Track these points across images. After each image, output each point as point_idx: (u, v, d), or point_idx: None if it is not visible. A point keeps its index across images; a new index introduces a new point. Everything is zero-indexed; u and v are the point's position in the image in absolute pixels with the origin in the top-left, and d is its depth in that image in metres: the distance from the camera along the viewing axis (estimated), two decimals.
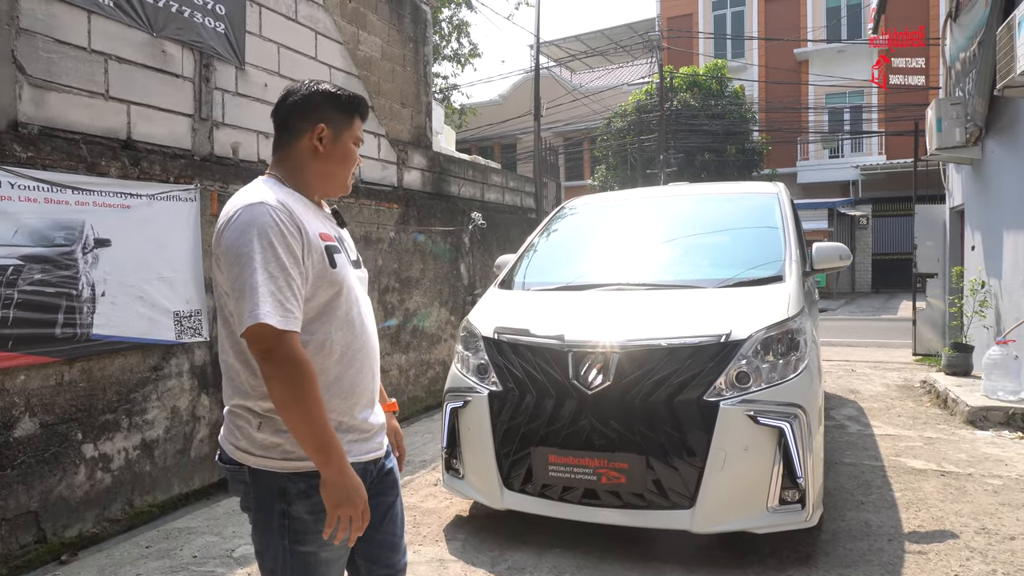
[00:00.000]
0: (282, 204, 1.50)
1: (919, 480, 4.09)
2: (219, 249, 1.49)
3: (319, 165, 1.63)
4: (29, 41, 3.51)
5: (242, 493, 1.59)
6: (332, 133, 1.63)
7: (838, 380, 7.46)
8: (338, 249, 1.59)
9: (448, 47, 22.52)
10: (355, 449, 1.58)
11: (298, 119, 1.62)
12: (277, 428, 1.50)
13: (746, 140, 19.92)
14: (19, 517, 3.35)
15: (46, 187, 3.48)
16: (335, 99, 1.64)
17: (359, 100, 1.69)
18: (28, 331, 3.38)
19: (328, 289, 1.54)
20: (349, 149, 1.67)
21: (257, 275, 1.41)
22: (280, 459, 1.51)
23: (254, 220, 1.45)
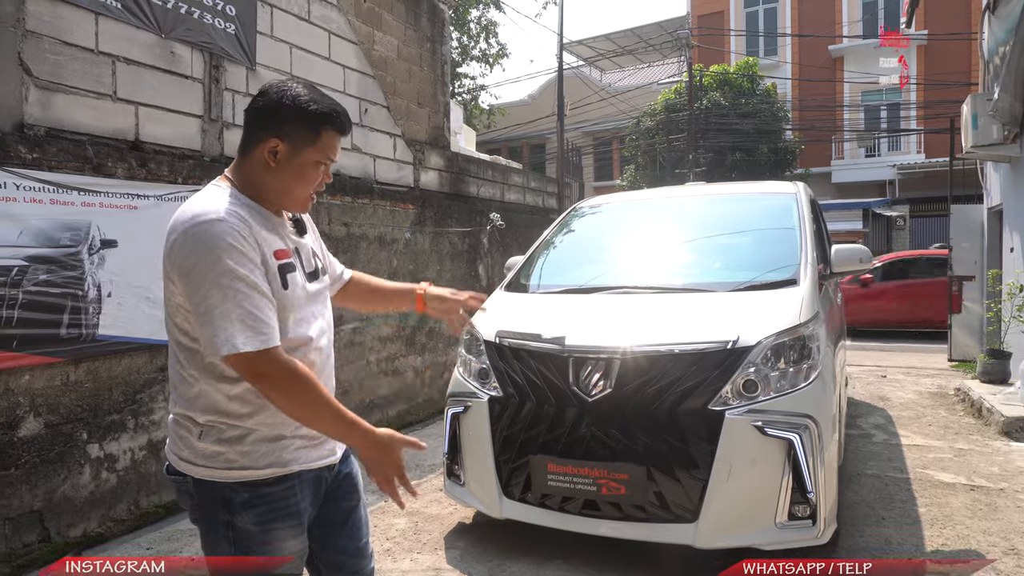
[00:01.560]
0: (240, 220, 1.43)
1: (946, 495, 3.89)
2: (174, 263, 1.40)
3: (271, 180, 1.51)
4: (36, 43, 3.53)
5: (189, 505, 1.55)
6: (288, 148, 1.48)
7: (868, 386, 7.21)
8: (292, 267, 1.53)
9: (476, 48, 22.55)
10: (303, 456, 1.53)
11: (258, 126, 1.50)
12: (219, 437, 1.46)
13: (778, 139, 19.50)
14: (23, 516, 3.36)
15: (52, 188, 3.50)
16: (299, 111, 1.47)
17: (329, 114, 1.51)
18: (33, 331, 3.40)
19: (279, 308, 1.47)
20: (307, 170, 1.51)
21: (227, 301, 1.35)
22: (223, 468, 1.47)
23: (216, 240, 1.37)
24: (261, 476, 1.47)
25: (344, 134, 1.57)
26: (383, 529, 3.58)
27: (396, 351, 6.18)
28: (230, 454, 1.46)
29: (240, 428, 1.46)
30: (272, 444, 1.49)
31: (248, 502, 1.47)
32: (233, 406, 1.46)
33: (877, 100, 22.74)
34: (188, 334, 1.45)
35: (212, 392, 1.46)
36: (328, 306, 1.71)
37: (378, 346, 5.95)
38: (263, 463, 1.47)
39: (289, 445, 1.50)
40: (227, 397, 1.46)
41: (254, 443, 1.47)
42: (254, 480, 1.47)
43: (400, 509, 1.48)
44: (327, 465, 1.61)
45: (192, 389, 1.47)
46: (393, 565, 3.15)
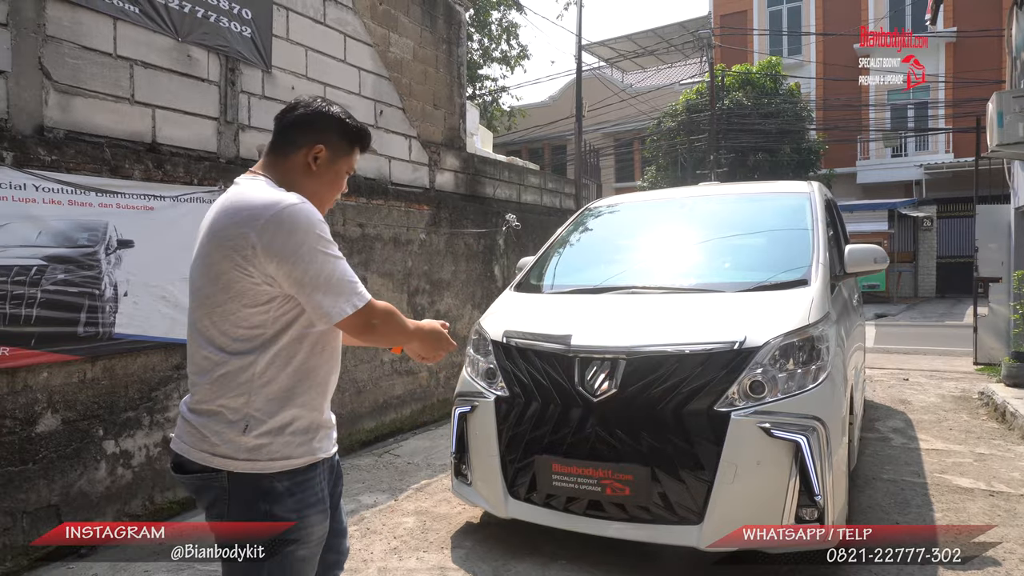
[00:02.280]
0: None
1: (964, 500, 3.81)
2: (267, 248, 1.44)
3: (309, 183, 1.63)
4: (55, 48, 3.62)
5: (212, 501, 1.56)
6: (329, 155, 1.64)
7: (888, 390, 7.09)
8: None
9: (497, 49, 22.58)
10: (324, 445, 1.62)
11: (299, 133, 1.63)
12: (263, 430, 1.51)
13: (802, 139, 19.27)
14: (41, 510, 3.44)
15: (70, 189, 3.57)
16: (343, 125, 1.66)
17: (364, 133, 1.72)
18: (51, 329, 3.47)
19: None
20: (340, 176, 1.69)
21: (335, 269, 1.48)
22: (266, 460, 1.52)
23: (308, 219, 1.48)
24: (298, 464, 1.54)
25: (365, 151, 1.76)
26: (391, 528, 3.60)
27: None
28: (274, 445, 1.52)
29: (282, 418, 1.53)
30: (305, 435, 1.56)
31: (288, 490, 1.53)
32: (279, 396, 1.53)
33: (904, 99, 22.35)
34: (249, 322, 1.49)
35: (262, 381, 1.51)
36: None
37: None
38: (299, 452, 1.55)
39: (316, 434, 1.58)
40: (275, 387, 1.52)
41: (293, 433, 1.54)
42: (292, 468, 1.54)
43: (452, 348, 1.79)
44: (335, 453, 1.71)
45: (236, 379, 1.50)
46: (399, 563, 3.17)
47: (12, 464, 3.32)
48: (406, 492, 4.19)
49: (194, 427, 1.55)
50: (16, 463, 3.34)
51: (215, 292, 1.50)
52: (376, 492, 4.20)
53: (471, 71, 22.13)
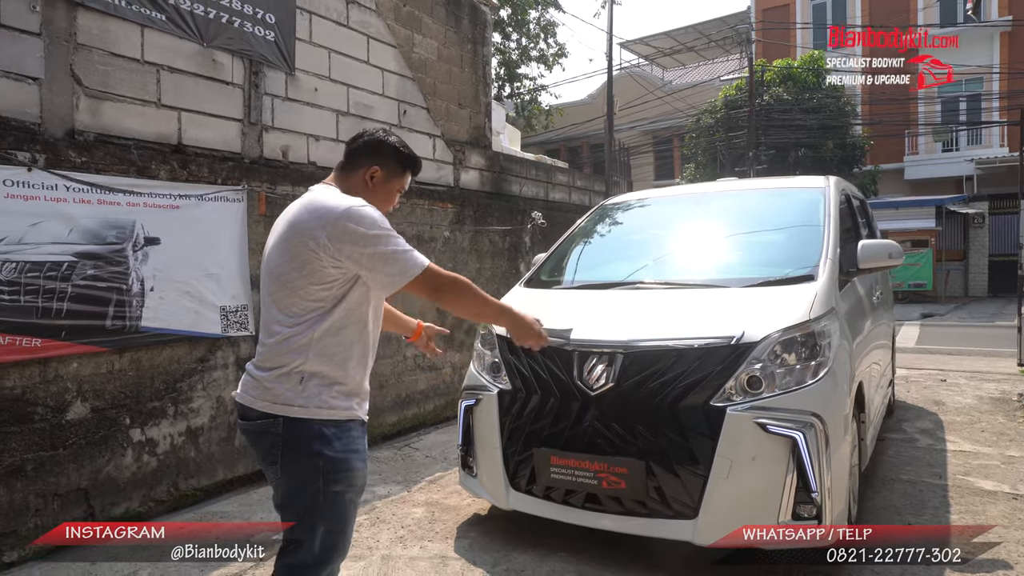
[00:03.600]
0: None
1: (984, 503, 3.70)
2: (340, 236, 1.78)
3: (366, 196, 1.94)
4: (86, 55, 3.80)
5: (268, 446, 1.86)
6: (383, 175, 2.00)
7: (923, 390, 6.89)
8: None
9: (535, 48, 22.61)
10: (361, 410, 1.95)
11: (363, 156, 2.00)
12: (316, 383, 1.84)
13: (846, 135, 18.79)
14: (70, 493, 3.63)
15: (99, 189, 3.75)
16: (396, 152, 2.03)
17: (415, 160, 2.08)
18: (80, 322, 3.66)
19: (361, 289, 1.89)
20: (392, 193, 2.06)
21: (398, 241, 1.83)
22: (315, 407, 1.83)
23: (374, 213, 1.83)
24: (342, 416, 1.87)
25: (417, 174, 2.12)
26: (400, 518, 3.69)
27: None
28: (323, 396, 1.84)
29: (330, 377, 1.85)
30: (347, 396, 1.89)
31: (335, 435, 1.84)
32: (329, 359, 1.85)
33: (955, 91, 21.58)
34: (313, 297, 1.82)
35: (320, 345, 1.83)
36: None
37: None
38: (343, 406, 1.87)
39: (355, 398, 1.91)
40: (327, 351, 1.84)
41: (339, 392, 1.87)
42: (337, 419, 1.85)
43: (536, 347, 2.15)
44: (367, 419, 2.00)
45: (295, 342, 1.83)
46: (403, 552, 3.25)
47: (43, 449, 3.51)
48: (419, 484, 4.27)
49: (259, 381, 1.87)
50: (47, 448, 3.53)
51: (290, 271, 1.83)
52: (391, 484, 4.30)
53: (509, 70, 22.23)
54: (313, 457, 1.81)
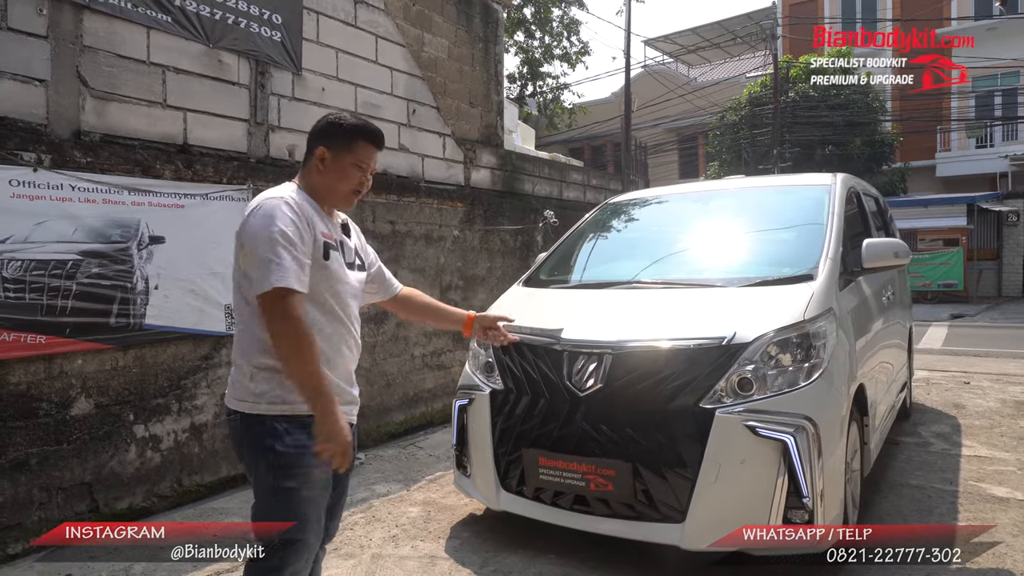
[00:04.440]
0: (294, 200, 1.87)
1: (995, 509, 3.59)
2: (244, 233, 1.82)
3: (321, 179, 1.96)
4: (92, 57, 3.87)
5: (236, 440, 1.91)
6: (331, 154, 1.94)
7: (944, 393, 6.71)
8: (335, 247, 1.94)
9: (559, 46, 22.53)
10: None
11: (313, 142, 1.99)
12: (267, 378, 1.83)
13: (874, 131, 18.39)
14: (74, 488, 3.70)
15: (104, 189, 3.82)
16: (337, 126, 1.97)
17: (360, 127, 1.98)
18: (85, 320, 3.72)
19: (317, 276, 1.86)
20: (346, 169, 1.95)
21: (276, 248, 1.75)
22: (268, 403, 1.83)
23: (274, 208, 1.81)
24: (297, 411, 1.82)
25: (377, 146, 2.01)
26: (395, 516, 3.69)
27: (442, 346, 6.31)
28: (277, 390, 1.82)
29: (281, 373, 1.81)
30: None
31: (287, 431, 1.82)
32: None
33: (991, 86, 21.01)
34: (251, 292, 1.80)
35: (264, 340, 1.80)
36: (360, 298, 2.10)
37: (423, 340, 6.09)
38: (298, 400, 1.81)
39: None
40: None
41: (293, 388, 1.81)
42: (294, 414, 1.82)
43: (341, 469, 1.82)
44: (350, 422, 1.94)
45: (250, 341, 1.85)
46: (394, 551, 3.25)
47: (48, 444, 3.58)
48: (419, 483, 4.28)
49: (231, 378, 1.93)
50: (52, 443, 3.60)
51: (235, 270, 1.89)
52: (391, 482, 4.31)
53: (533, 68, 22.22)
54: (265, 453, 1.80)
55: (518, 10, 20.14)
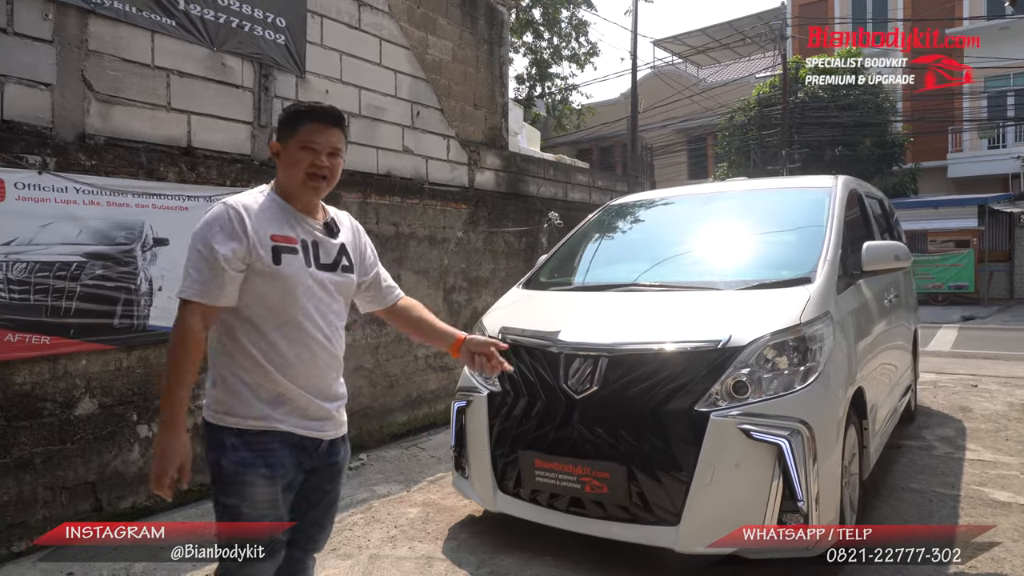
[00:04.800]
0: (241, 205, 1.81)
1: (996, 514, 3.56)
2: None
3: (280, 175, 1.92)
4: (97, 61, 3.91)
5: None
6: (280, 145, 1.90)
7: (951, 396, 6.66)
8: (292, 250, 1.84)
9: (567, 47, 22.51)
10: (290, 420, 1.82)
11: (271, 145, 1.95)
12: (227, 388, 1.79)
13: (884, 132, 18.27)
14: (78, 487, 3.74)
15: (109, 191, 3.86)
16: (282, 116, 1.92)
17: (302, 108, 1.89)
18: (89, 321, 3.76)
19: (268, 281, 1.79)
20: (295, 154, 1.86)
21: (192, 257, 1.76)
22: (224, 414, 1.79)
23: (211, 217, 1.79)
24: (248, 426, 1.77)
25: (325, 122, 1.88)
26: (394, 517, 3.71)
27: None
28: (232, 403, 1.78)
29: (237, 383, 1.78)
30: (265, 404, 1.79)
31: (235, 445, 1.76)
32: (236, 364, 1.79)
33: (1003, 86, 20.81)
34: None
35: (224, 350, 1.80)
36: (340, 301, 1.96)
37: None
38: (252, 415, 1.77)
39: (280, 407, 1.80)
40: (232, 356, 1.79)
41: (251, 398, 1.78)
42: (244, 428, 1.77)
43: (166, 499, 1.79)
44: (311, 437, 1.86)
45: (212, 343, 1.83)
46: (391, 551, 3.27)
47: (52, 443, 3.63)
48: (420, 484, 4.30)
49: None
50: (56, 443, 3.64)
51: None
52: (392, 483, 4.33)
53: (541, 69, 22.22)
54: (213, 465, 1.78)
55: (527, 11, 20.14)
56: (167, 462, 1.67)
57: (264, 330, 1.80)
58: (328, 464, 1.95)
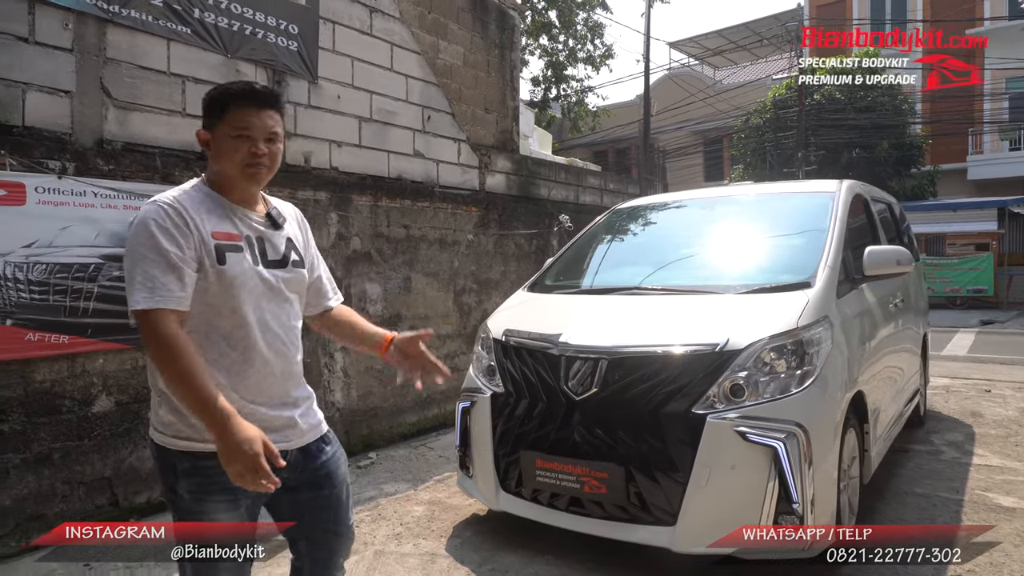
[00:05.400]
0: (176, 201, 1.66)
1: (998, 518, 3.56)
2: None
3: (214, 165, 1.74)
4: (115, 69, 4.03)
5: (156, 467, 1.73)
6: (210, 133, 1.72)
7: (963, 401, 6.62)
8: (236, 248, 1.68)
9: (583, 49, 22.55)
10: None
11: (201, 136, 1.77)
12: (172, 407, 1.64)
13: (903, 134, 18.10)
14: (95, 482, 3.85)
15: (125, 195, 3.97)
16: (206, 102, 1.75)
17: (229, 89, 1.73)
18: (106, 321, 3.87)
19: (212, 283, 1.63)
20: (227, 143, 1.69)
21: (137, 264, 1.57)
22: (173, 436, 1.65)
23: (144, 216, 1.63)
24: (201, 448, 1.59)
25: (257, 103, 1.72)
26: (400, 515, 3.78)
27: (456, 348, 6.40)
28: (180, 424, 1.63)
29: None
30: None
31: (188, 471, 1.63)
32: None
33: None
34: None
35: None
36: (293, 300, 1.81)
37: (437, 343, 6.18)
38: (202, 436, 1.56)
39: None
40: None
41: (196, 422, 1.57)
42: (196, 451, 1.62)
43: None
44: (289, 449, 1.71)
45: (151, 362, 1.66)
46: (396, 548, 3.34)
47: (70, 439, 3.74)
48: (427, 483, 4.37)
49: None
50: (74, 439, 3.76)
51: None
52: (400, 482, 4.40)
53: (557, 71, 22.28)
54: (168, 491, 1.68)
55: (543, 14, 20.20)
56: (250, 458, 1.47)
57: (211, 340, 1.64)
58: (313, 468, 1.80)
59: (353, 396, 5.36)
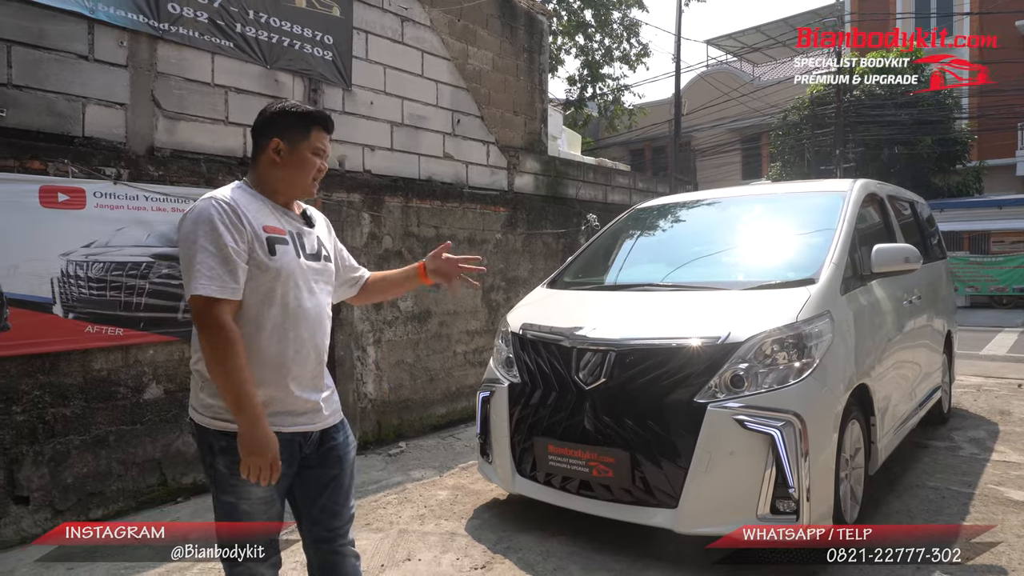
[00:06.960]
0: (232, 199, 1.81)
1: (1008, 512, 3.62)
2: (179, 237, 1.82)
3: (277, 173, 1.90)
4: (164, 82, 4.35)
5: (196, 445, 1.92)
6: (288, 146, 1.88)
7: (993, 400, 6.57)
8: (284, 241, 1.86)
9: (619, 48, 22.58)
10: (277, 421, 1.82)
11: (262, 135, 1.92)
12: (212, 392, 1.79)
13: (946, 130, 17.70)
14: (146, 463, 4.18)
15: (174, 198, 4.30)
16: (289, 115, 1.90)
17: (314, 114, 1.93)
18: (156, 315, 4.20)
19: (264, 273, 1.79)
20: (305, 160, 1.90)
21: (198, 255, 1.72)
22: (211, 417, 1.82)
23: (201, 211, 1.77)
24: (236, 429, 1.74)
25: (328, 130, 1.96)
26: (425, 498, 4.02)
27: (484, 343, 6.62)
28: (218, 406, 1.79)
29: None
30: None
31: (224, 449, 1.79)
32: None
33: None
34: None
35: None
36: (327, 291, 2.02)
37: (465, 339, 6.42)
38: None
39: (268, 408, 1.78)
40: None
41: None
42: (232, 432, 1.76)
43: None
44: (301, 432, 1.88)
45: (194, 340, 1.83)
46: (419, 527, 3.57)
47: (124, 424, 4.07)
48: (452, 470, 4.59)
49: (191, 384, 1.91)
50: (128, 423, 4.09)
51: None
52: (426, 468, 4.64)
53: (593, 70, 22.37)
54: (208, 468, 1.85)
55: (579, 13, 20.31)
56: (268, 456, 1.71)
57: (259, 324, 1.80)
58: (326, 449, 1.96)
59: (384, 388, 5.63)
